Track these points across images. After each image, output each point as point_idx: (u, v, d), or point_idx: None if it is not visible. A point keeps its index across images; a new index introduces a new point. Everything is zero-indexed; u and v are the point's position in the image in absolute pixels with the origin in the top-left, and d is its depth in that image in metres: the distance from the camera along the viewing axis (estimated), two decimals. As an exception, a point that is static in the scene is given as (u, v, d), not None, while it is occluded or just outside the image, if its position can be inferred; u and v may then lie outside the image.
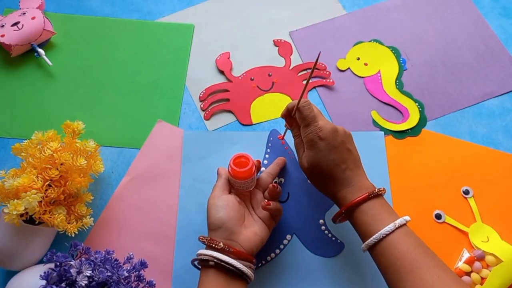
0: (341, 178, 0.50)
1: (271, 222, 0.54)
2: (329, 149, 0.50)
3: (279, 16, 0.76)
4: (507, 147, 0.66)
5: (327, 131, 0.50)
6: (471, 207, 0.61)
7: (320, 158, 0.50)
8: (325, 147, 0.50)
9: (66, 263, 0.49)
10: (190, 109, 0.68)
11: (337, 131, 0.51)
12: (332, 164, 0.50)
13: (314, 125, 0.51)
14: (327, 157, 0.50)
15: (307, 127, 0.51)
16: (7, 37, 0.69)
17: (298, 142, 0.55)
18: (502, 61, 0.72)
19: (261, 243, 0.52)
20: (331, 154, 0.50)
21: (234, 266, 0.47)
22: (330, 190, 0.51)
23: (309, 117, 0.51)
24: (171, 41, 0.73)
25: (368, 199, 0.49)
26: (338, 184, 0.50)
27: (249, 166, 0.52)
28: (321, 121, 0.51)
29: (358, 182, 0.50)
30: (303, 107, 0.52)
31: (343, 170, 0.50)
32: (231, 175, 0.53)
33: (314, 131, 0.50)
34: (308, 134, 0.51)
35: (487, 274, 0.56)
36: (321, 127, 0.50)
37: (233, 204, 0.52)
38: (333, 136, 0.50)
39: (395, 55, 0.72)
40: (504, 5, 0.77)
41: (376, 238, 0.46)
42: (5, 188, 0.52)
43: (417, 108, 0.68)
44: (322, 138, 0.50)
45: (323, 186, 0.52)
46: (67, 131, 0.58)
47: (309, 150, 0.51)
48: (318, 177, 0.52)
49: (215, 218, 0.50)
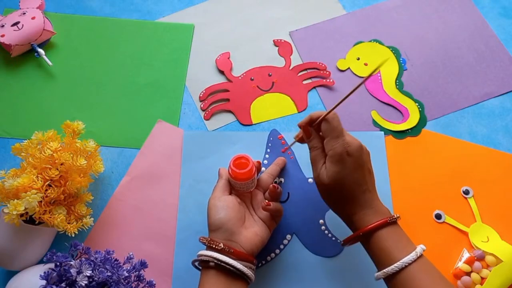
0: (361, 200, 0.48)
1: (272, 222, 0.54)
2: (355, 167, 0.47)
3: (279, 16, 0.76)
4: (507, 147, 0.65)
5: (355, 148, 0.48)
6: (471, 207, 0.61)
7: (345, 175, 0.47)
8: (351, 164, 0.47)
9: (66, 263, 0.49)
10: (190, 109, 0.68)
11: (362, 149, 0.49)
12: (355, 184, 0.48)
13: (343, 139, 0.47)
14: (351, 175, 0.47)
15: (335, 140, 0.48)
16: (7, 37, 0.69)
17: (316, 154, 0.51)
18: (502, 61, 0.72)
19: (261, 244, 0.52)
20: (356, 173, 0.47)
21: (235, 267, 0.47)
22: (347, 210, 0.49)
23: (338, 129, 0.48)
24: (171, 41, 0.73)
25: (387, 225, 0.47)
26: (357, 206, 0.48)
27: (249, 168, 0.52)
28: (347, 136, 0.49)
29: (376, 206, 0.48)
30: (333, 118, 0.48)
31: (363, 191, 0.48)
32: (231, 176, 0.53)
33: (342, 145, 0.47)
34: (336, 147, 0.47)
35: (487, 274, 0.56)
36: (349, 142, 0.48)
37: (234, 205, 0.52)
38: (360, 154, 0.48)
39: (395, 55, 0.72)
40: (504, 5, 0.77)
41: (398, 267, 0.44)
42: (5, 188, 0.52)
43: (417, 108, 0.68)
44: (349, 153, 0.47)
45: (340, 205, 0.50)
46: (67, 131, 0.58)
47: (334, 165, 0.48)
48: (337, 195, 0.49)
49: (215, 219, 0.50)
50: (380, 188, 0.55)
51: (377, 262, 0.47)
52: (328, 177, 0.48)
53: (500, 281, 0.55)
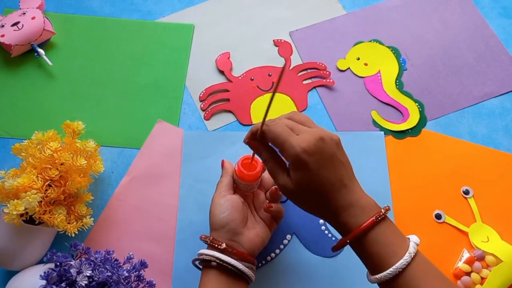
0: (339, 199, 0.42)
1: (273, 223, 0.54)
2: (321, 165, 0.41)
3: (279, 16, 0.76)
4: (507, 147, 0.65)
5: (313, 143, 0.41)
6: (471, 207, 0.61)
7: (311, 178, 0.42)
8: (314, 163, 0.41)
9: (66, 263, 0.49)
10: (190, 109, 0.68)
11: (324, 141, 0.42)
12: (327, 184, 0.42)
13: (294, 141, 0.41)
14: (319, 176, 0.42)
15: (285, 144, 0.42)
16: (7, 37, 0.69)
17: (271, 166, 0.45)
18: (502, 61, 0.72)
19: (262, 245, 0.52)
20: (324, 171, 0.42)
21: (237, 268, 0.47)
22: (327, 214, 0.44)
23: (284, 133, 0.42)
24: (171, 41, 0.73)
25: (376, 224, 0.42)
26: (337, 207, 0.42)
27: (257, 170, 0.51)
28: (303, 134, 0.42)
29: (358, 201, 0.43)
30: (269, 126, 0.43)
31: (339, 189, 0.42)
32: (237, 175, 0.52)
33: (297, 146, 0.41)
34: (290, 152, 0.41)
35: (487, 274, 0.56)
36: (304, 140, 0.41)
37: (238, 205, 0.51)
38: (320, 148, 0.41)
39: (395, 55, 0.72)
40: (504, 5, 0.77)
41: (391, 273, 0.40)
42: (5, 188, 0.52)
43: (417, 108, 0.68)
44: (309, 153, 0.41)
45: (318, 210, 0.44)
46: (67, 131, 0.58)
47: (296, 171, 0.42)
48: (310, 201, 0.44)
49: (219, 218, 0.50)
50: (380, 188, 0.55)
51: (369, 267, 0.44)
52: (294, 185, 0.43)
53: (500, 281, 0.55)
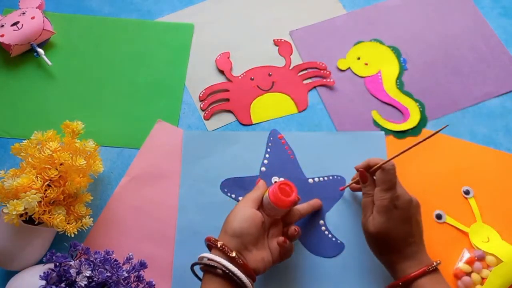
0: (406, 252, 0.48)
1: (278, 257, 0.51)
2: (401, 220, 0.48)
3: (279, 16, 0.76)
4: (508, 147, 0.65)
5: (404, 201, 0.49)
6: (472, 207, 0.61)
7: (390, 227, 0.48)
8: (398, 217, 0.48)
9: (65, 263, 0.49)
10: (190, 109, 0.68)
11: (411, 201, 0.50)
12: (401, 236, 0.48)
13: (393, 192, 0.49)
14: (397, 228, 0.48)
15: (385, 192, 0.49)
16: (6, 37, 0.69)
17: (367, 201, 0.52)
18: (502, 61, 0.72)
19: (263, 270, 0.49)
20: (402, 226, 0.48)
21: (242, 281, 0.46)
22: (390, 259, 0.50)
23: (392, 183, 0.49)
24: (170, 41, 0.73)
25: (425, 274, 0.47)
26: (401, 257, 0.48)
27: (291, 198, 0.51)
28: (399, 188, 0.50)
29: (420, 257, 0.48)
30: (389, 169, 0.50)
31: (409, 244, 0.48)
32: (269, 196, 0.51)
33: (391, 199, 0.48)
34: (384, 199, 0.49)
35: (488, 274, 0.56)
36: (399, 196, 0.49)
37: (258, 223, 0.50)
38: (408, 207, 0.49)
39: (395, 54, 0.72)
40: (504, 5, 0.77)
41: None
42: (4, 188, 0.52)
43: (418, 108, 0.68)
44: (397, 207, 0.48)
45: (383, 254, 0.51)
46: (66, 131, 0.58)
47: (380, 216, 0.49)
48: (382, 245, 0.50)
49: (238, 226, 0.49)
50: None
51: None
52: (373, 227, 0.49)
53: (501, 281, 0.55)
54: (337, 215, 0.60)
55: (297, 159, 0.64)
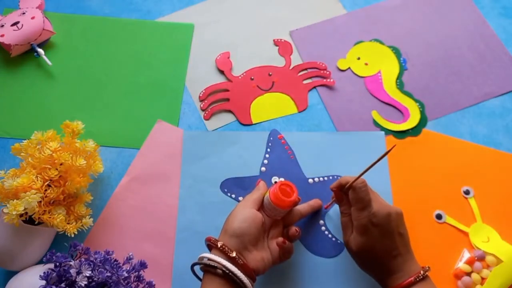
0: (392, 265, 0.48)
1: (277, 259, 0.51)
2: (381, 237, 0.48)
3: (279, 16, 0.76)
4: (508, 147, 0.65)
5: (381, 217, 0.48)
6: (472, 207, 0.61)
7: (372, 245, 0.48)
8: (378, 234, 0.48)
9: (65, 263, 0.49)
10: (190, 109, 0.68)
11: (390, 215, 0.48)
12: (384, 251, 0.48)
13: (368, 210, 0.48)
14: (378, 244, 0.48)
15: (360, 211, 0.49)
16: (6, 37, 0.69)
17: (345, 221, 0.52)
18: (502, 61, 0.72)
19: (262, 271, 0.49)
20: (383, 241, 0.48)
21: (242, 281, 0.46)
22: (378, 275, 0.49)
23: (365, 201, 0.49)
24: (170, 41, 0.73)
25: (413, 284, 0.46)
26: (387, 271, 0.48)
27: (292, 198, 0.51)
28: (375, 204, 0.49)
29: (407, 268, 0.48)
30: (359, 188, 0.49)
31: (394, 257, 0.48)
32: (270, 197, 0.51)
33: (367, 217, 0.48)
34: (361, 218, 0.48)
35: (488, 274, 0.56)
36: (375, 212, 0.48)
37: (258, 223, 0.50)
38: (387, 222, 0.48)
39: (395, 54, 0.72)
40: (504, 5, 0.77)
41: None
42: (4, 188, 0.52)
43: (418, 108, 0.68)
44: (375, 224, 0.48)
45: (370, 269, 0.50)
46: (66, 131, 0.58)
47: (360, 235, 0.49)
48: (366, 262, 0.50)
49: (238, 226, 0.49)
50: (381, 188, 0.55)
51: None
52: (355, 246, 0.49)
53: (501, 281, 0.55)
54: (337, 215, 0.60)
55: (297, 159, 0.64)
